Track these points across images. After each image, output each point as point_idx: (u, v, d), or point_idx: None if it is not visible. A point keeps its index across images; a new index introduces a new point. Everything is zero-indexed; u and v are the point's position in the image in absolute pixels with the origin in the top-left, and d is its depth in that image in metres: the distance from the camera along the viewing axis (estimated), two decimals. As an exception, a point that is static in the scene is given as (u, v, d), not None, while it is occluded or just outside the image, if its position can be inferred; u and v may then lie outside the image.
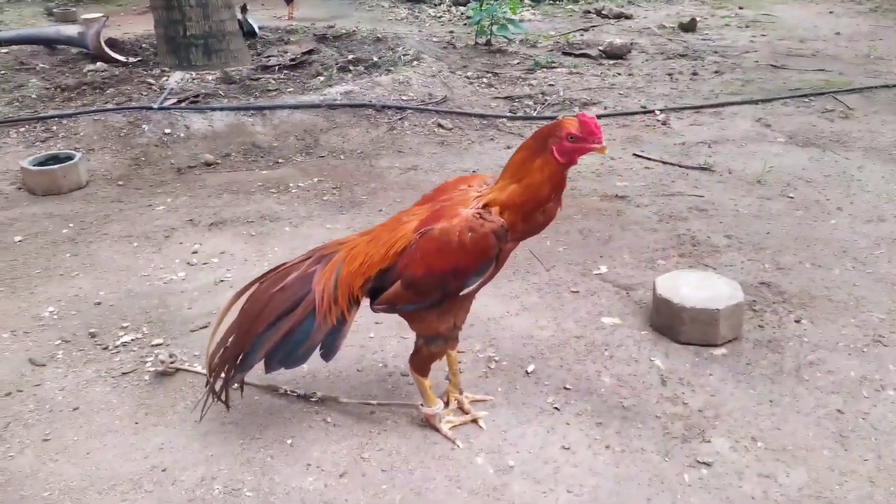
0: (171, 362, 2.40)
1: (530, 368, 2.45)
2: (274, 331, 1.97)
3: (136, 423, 2.21)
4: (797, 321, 2.74)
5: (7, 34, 7.03)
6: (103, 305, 2.87)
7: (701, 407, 2.27)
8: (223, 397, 2.08)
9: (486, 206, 1.92)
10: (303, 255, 2.12)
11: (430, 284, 1.92)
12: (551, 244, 3.37)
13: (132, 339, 2.64)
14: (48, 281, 3.07)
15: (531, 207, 1.91)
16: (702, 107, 5.58)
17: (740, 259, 3.20)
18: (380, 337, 2.63)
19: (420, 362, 2.11)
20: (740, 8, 10.26)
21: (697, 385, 2.37)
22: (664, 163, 4.43)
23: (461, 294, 1.96)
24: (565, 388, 2.36)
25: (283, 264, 2.10)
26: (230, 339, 2.02)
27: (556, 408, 2.27)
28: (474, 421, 2.21)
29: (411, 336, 2.12)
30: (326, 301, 1.97)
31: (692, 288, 2.61)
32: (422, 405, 2.17)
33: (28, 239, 3.46)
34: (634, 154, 4.59)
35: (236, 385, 2.11)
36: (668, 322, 2.59)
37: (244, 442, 2.12)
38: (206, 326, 2.71)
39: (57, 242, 3.42)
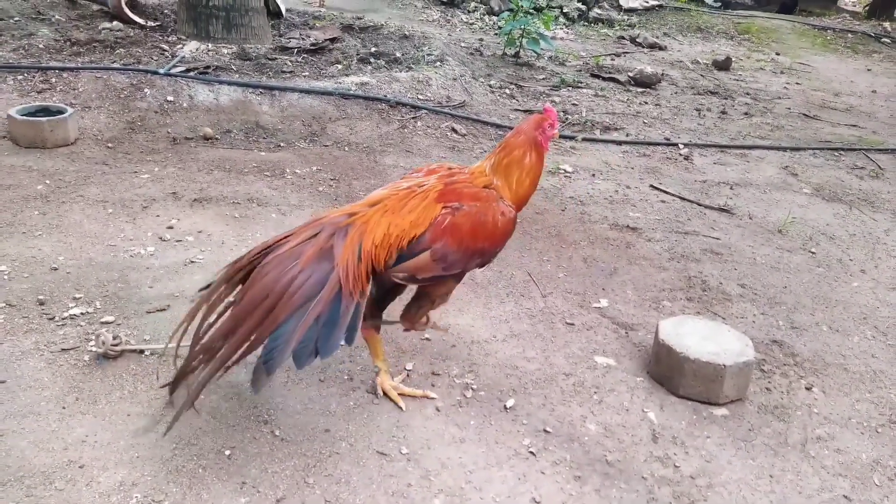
0: (115, 344, 2.16)
1: (510, 403, 2.21)
2: (301, 317, 1.71)
3: (64, 409, 1.97)
4: (808, 388, 2.49)
5: (28, -18, 6.84)
6: (60, 272, 2.65)
7: (694, 473, 2.03)
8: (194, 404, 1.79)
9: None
10: (304, 228, 1.89)
11: (460, 259, 1.95)
12: (551, 268, 3.14)
13: (81, 313, 2.41)
14: (8, 238, 2.84)
15: (531, 195, 2.12)
16: (728, 146, 5.34)
17: (753, 312, 2.96)
18: (349, 347, 2.39)
19: (420, 314, 2.14)
20: (777, 54, 10.05)
21: (692, 447, 2.12)
22: (682, 199, 4.19)
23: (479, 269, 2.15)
24: (545, 431, 2.11)
25: (278, 241, 1.85)
26: (234, 335, 1.71)
27: (531, 452, 2.03)
28: (425, 396, 2.18)
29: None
30: (352, 277, 1.80)
31: (698, 337, 2.36)
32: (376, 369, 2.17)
33: (-2, 191, 3.25)
34: (652, 186, 4.36)
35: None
36: (667, 372, 2.34)
37: (177, 447, 1.88)
38: (164, 309, 2.48)
39: (28, 198, 3.20)
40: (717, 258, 3.42)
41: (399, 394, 2.15)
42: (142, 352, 2.23)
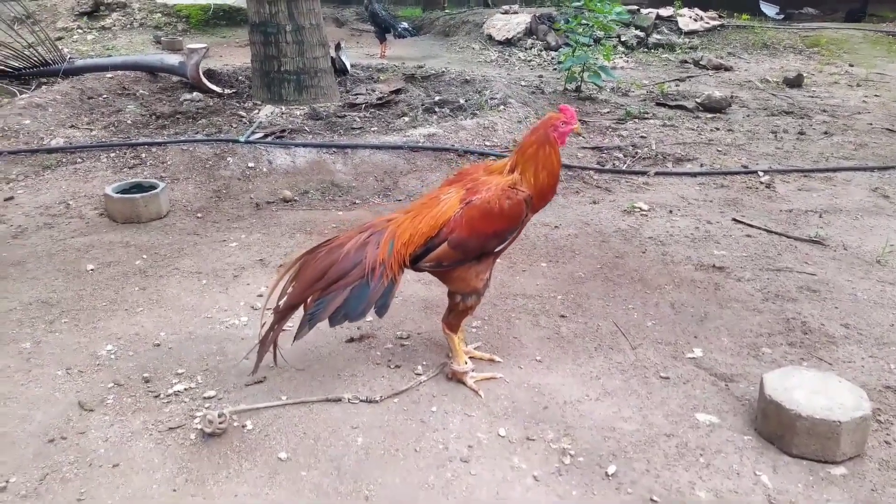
0: (221, 423, 2.23)
1: (611, 470, 2.14)
2: (339, 289, 2.30)
3: (174, 491, 2.04)
4: (932, 439, 2.32)
5: (114, 60, 7.36)
6: (162, 347, 2.77)
7: (817, 543, 1.90)
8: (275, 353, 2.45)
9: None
10: (354, 229, 2.48)
11: (474, 244, 2.33)
12: (638, 316, 3.06)
13: (185, 389, 2.50)
14: (112, 316, 3.00)
15: (554, 186, 2.42)
16: (811, 170, 5.13)
17: (860, 355, 2.79)
18: (441, 412, 2.39)
19: (455, 319, 2.49)
20: (850, 66, 9.66)
21: (812, 513, 2.00)
22: (769, 231, 4.03)
23: (496, 251, 2.41)
24: (652, 501, 2.03)
25: (336, 237, 2.44)
26: (290, 295, 2.35)
27: (639, 523, 1.95)
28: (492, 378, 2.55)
29: (465, 410, 1.87)
30: (381, 267, 2.33)
31: (808, 391, 2.24)
32: (451, 361, 2.54)
33: (100, 268, 3.44)
34: (734, 219, 4.22)
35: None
36: (777, 430, 2.22)
37: (284, 528, 1.91)
38: (262, 381, 2.55)
39: (128, 274, 3.38)
40: (814, 296, 3.26)
41: (475, 381, 2.53)
42: (244, 426, 2.29)
